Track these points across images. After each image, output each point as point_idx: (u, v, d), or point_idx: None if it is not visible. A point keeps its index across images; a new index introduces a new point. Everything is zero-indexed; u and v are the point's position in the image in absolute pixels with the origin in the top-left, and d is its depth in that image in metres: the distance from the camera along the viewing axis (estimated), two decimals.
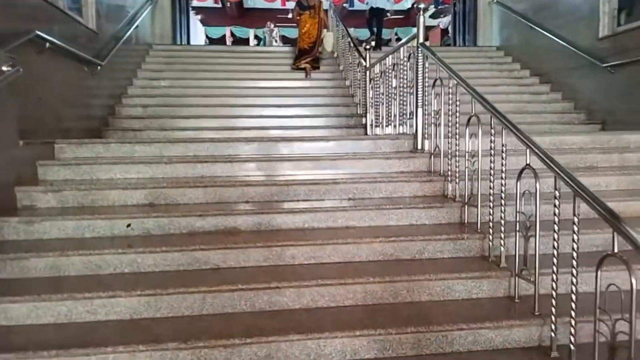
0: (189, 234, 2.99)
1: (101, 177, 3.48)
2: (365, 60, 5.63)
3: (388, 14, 15.12)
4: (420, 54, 3.80)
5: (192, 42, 9.35)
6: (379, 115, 5.24)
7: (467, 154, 3.07)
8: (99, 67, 5.32)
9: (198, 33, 10.84)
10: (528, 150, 2.42)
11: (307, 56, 7.77)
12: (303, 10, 8.05)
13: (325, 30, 8.14)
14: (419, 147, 3.93)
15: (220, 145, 3.85)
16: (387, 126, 4.94)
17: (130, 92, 6.51)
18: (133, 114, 6.02)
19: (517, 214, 2.53)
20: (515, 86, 7.27)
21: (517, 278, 2.55)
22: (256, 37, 19.22)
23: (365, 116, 5.66)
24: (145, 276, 2.63)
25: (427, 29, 21.45)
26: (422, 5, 3.74)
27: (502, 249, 2.68)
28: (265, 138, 4.11)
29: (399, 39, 19.22)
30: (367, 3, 11.46)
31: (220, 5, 16.84)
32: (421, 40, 3.82)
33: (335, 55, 8.00)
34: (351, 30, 7.64)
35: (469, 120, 3.02)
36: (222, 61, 7.65)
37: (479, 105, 2.94)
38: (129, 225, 2.97)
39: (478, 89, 3.05)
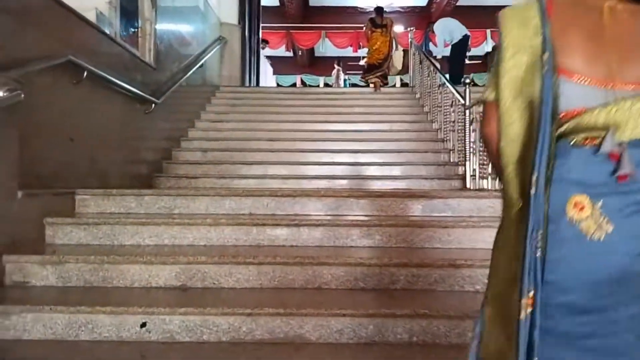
0: (231, 344, 1.87)
1: (125, 241, 2.49)
2: (464, 98, 4.46)
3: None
4: None
5: (263, 82, 8.66)
6: (483, 164, 4.01)
7: None
8: (153, 105, 4.54)
9: (268, 77, 10.23)
10: None
11: (377, 71, 7.82)
12: (375, 27, 8.06)
13: (394, 49, 8.12)
14: None
15: (284, 201, 2.78)
16: (495, 178, 3.71)
17: (191, 135, 5.71)
18: (191, 159, 5.17)
19: None
20: None
21: None
22: (326, 84, 18.71)
23: (464, 165, 4.43)
24: None
25: None
26: None
27: None
28: (341, 193, 2.98)
29: (475, 84, 17.90)
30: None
31: (291, 54, 16.51)
32: None
33: (417, 95, 6.90)
34: None
35: None
36: (291, 103, 6.77)
37: None
38: (143, 325, 1.91)
39: None
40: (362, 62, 16.76)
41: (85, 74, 3.35)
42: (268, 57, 15.65)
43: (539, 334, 0.88)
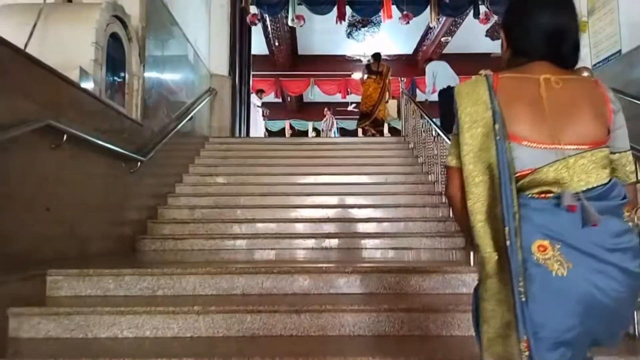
0: None
1: (100, 333, 2.16)
2: None
3: None
4: None
5: (252, 135, 8.48)
6: None
7: None
8: (139, 164, 4.29)
9: (258, 126, 10.07)
10: None
11: (366, 119, 8.20)
12: (370, 74, 8.26)
13: (388, 96, 8.36)
14: None
15: (280, 279, 2.49)
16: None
17: (179, 191, 5.43)
18: (178, 218, 4.87)
19: None
20: None
21: None
22: (314, 129, 18.70)
23: None
24: None
25: None
26: None
27: None
28: (344, 268, 2.69)
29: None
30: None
31: (280, 100, 16.53)
32: None
33: (410, 145, 6.75)
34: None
35: None
36: (283, 154, 6.56)
37: None
38: None
39: None
40: (350, 108, 16.93)
41: (65, 137, 3.10)
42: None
43: None
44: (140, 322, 2.16)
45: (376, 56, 8.49)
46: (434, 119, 5.63)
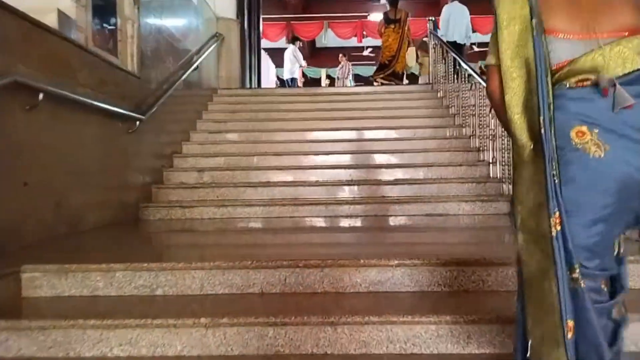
0: None
1: (84, 352, 1.70)
2: None
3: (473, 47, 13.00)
4: None
5: (263, 85, 7.77)
6: None
7: None
8: (138, 122, 3.74)
9: (270, 74, 9.45)
10: None
11: (385, 70, 7.59)
12: (388, 23, 7.65)
13: (407, 45, 7.73)
14: None
15: (308, 273, 1.99)
16: None
17: (186, 151, 4.90)
18: (185, 182, 4.36)
19: None
20: None
21: None
22: (328, 76, 17.76)
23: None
24: None
25: None
26: None
27: None
28: (387, 262, 2.15)
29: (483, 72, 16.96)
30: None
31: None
32: None
33: (439, 94, 6.05)
34: None
35: None
36: (299, 107, 5.91)
37: None
38: None
39: None
40: (365, 53, 15.88)
41: (41, 96, 2.54)
42: (266, 49, 14.75)
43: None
44: (135, 337, 1.69)
45: (393, 2, 7.72)
46: (471, 65, 4.92)
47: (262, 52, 8.08)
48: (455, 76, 5.33)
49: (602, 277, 1.13)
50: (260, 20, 7.44)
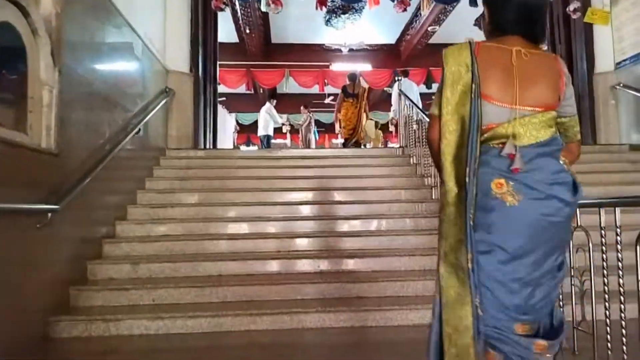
0: None
1: None
2: None
3: None
4: None
5: (220, 141, 6.95)
6: None
7: None
8: (50, 215, 2.89)
9: (228, 127, 8.78)
10: None
11: (349, 143, 7.92)
12: (347, 97, 7.95)
13: (365, 118, 8.16)
14: None
15: None
16: None
17: (120, 232, 4.03)
18: (116, 278, 3.48)
19: None
20: None
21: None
22: (290, 124, 17.23)
23: None
24: None
25: None
26: None
27: None
28: None
29: None
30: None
31: (252, 92, 14.98)
32: None
33: (412, 160, 5.50)
34: None
35: None
36: (259, 173, 5.20)
37: None
38: None
39: None
40: (327, 101, 15.52)
41: None
42: (226, 95, 14.10)
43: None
44: None
45: (352, 77, 8.13)
46: None
47: (222, 111, 7.36)
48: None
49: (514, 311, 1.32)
50: (217, 71, 6.77)
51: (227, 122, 8.98)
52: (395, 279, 3.43)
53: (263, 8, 6.88)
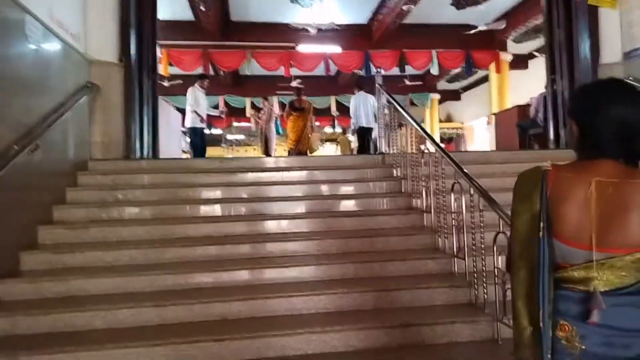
0: None
1: None
2: None
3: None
4: None
5: (163, 146, 5.58)
6: None
7: None
8: None
9: (174, 125, 7.36)
10: None
11: (293, 153, 8.23)
12: (293, 111, 8.43)
13: (311, 132, 8.62)
14: None
15: None
16: None
17: (5, 294, 2.85)
18: None
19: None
20: None
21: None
22: (253, 105, 15.90)
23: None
24: None
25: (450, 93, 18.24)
26: None
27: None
28: None
29: (413, 104, 16.05)
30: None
31: (212, 73, 13.53)
32: None
33: (395, 172, 4.50)
34: None
35: None
36: (210, 194, 4.06)
37: None
38: None
39: None
40: (293, 84, 14.29)
41: None
42: (183, 77, 12.66)
43: None
44: None
45: (297, 91, 8.74)
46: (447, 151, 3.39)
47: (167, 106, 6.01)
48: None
49: None
50: (157, 61, 5.46)
51: (172, 121, 7.57)
52: None
53: None
